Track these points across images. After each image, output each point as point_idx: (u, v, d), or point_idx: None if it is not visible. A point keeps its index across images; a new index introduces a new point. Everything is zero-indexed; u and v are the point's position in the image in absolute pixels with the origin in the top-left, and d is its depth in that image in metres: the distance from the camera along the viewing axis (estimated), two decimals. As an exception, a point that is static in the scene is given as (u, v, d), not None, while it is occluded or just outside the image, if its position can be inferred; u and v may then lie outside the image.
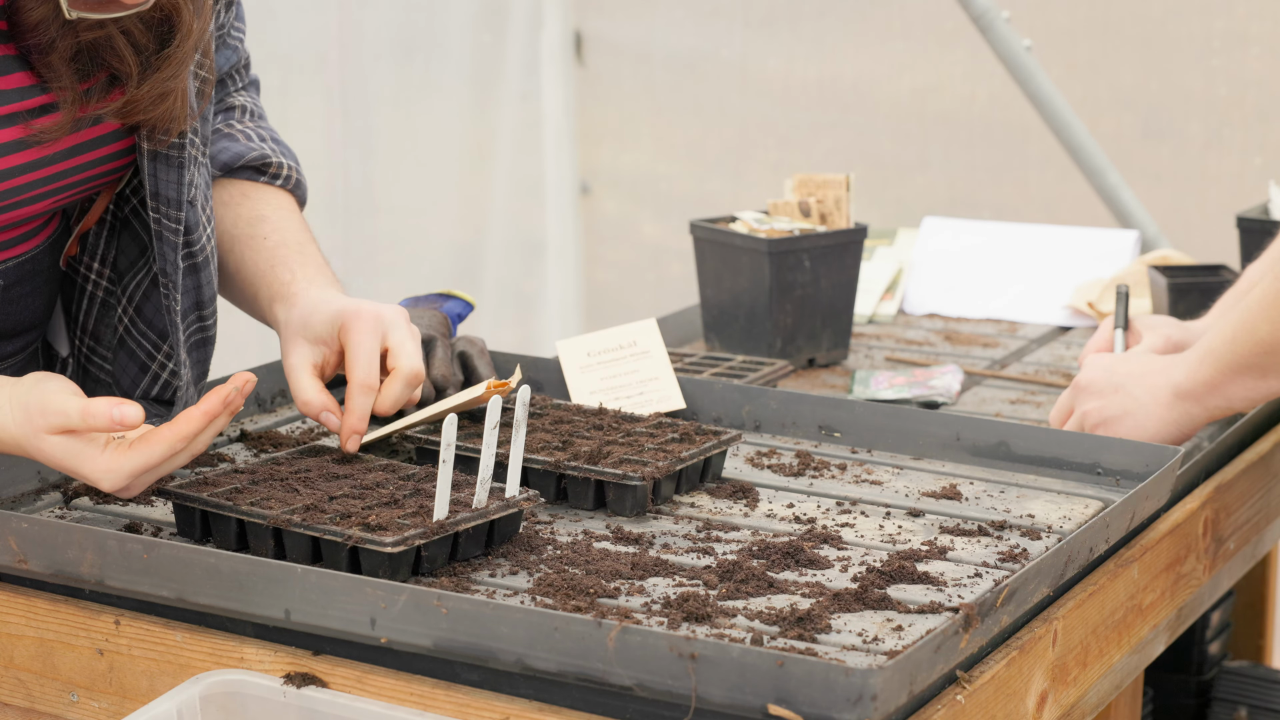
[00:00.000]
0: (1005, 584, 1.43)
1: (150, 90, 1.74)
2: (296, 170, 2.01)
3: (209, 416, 1.57)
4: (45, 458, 1.57)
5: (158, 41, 1.74)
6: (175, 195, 1.81)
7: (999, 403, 2.21)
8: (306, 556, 1.53)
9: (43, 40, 1.70)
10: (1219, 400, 1.85)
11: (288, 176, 1.99)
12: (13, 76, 1.71)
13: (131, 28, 1.71)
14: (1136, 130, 3.98)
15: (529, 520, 1.67)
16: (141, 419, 1.53)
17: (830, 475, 1.82)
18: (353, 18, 4.06)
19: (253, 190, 1.96)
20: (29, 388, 1.58)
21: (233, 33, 1.97)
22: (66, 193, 1.79)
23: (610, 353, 2.01)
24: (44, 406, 1.56)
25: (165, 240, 1.82)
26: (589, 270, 4.72)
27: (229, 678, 1.43)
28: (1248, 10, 3.83)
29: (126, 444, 1.56)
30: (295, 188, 2.00)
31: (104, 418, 1.53)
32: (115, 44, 1.71)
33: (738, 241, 2.38)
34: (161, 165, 1.80)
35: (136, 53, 1.73)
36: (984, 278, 2.72)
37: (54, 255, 1.89)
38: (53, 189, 1.77)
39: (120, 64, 1.73)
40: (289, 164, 2.00)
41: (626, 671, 1.31)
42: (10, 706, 1.59)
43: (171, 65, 1.74)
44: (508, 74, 4.45)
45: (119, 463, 1.56)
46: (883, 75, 4.23)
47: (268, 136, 2.01)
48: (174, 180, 1.81)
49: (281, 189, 1.99)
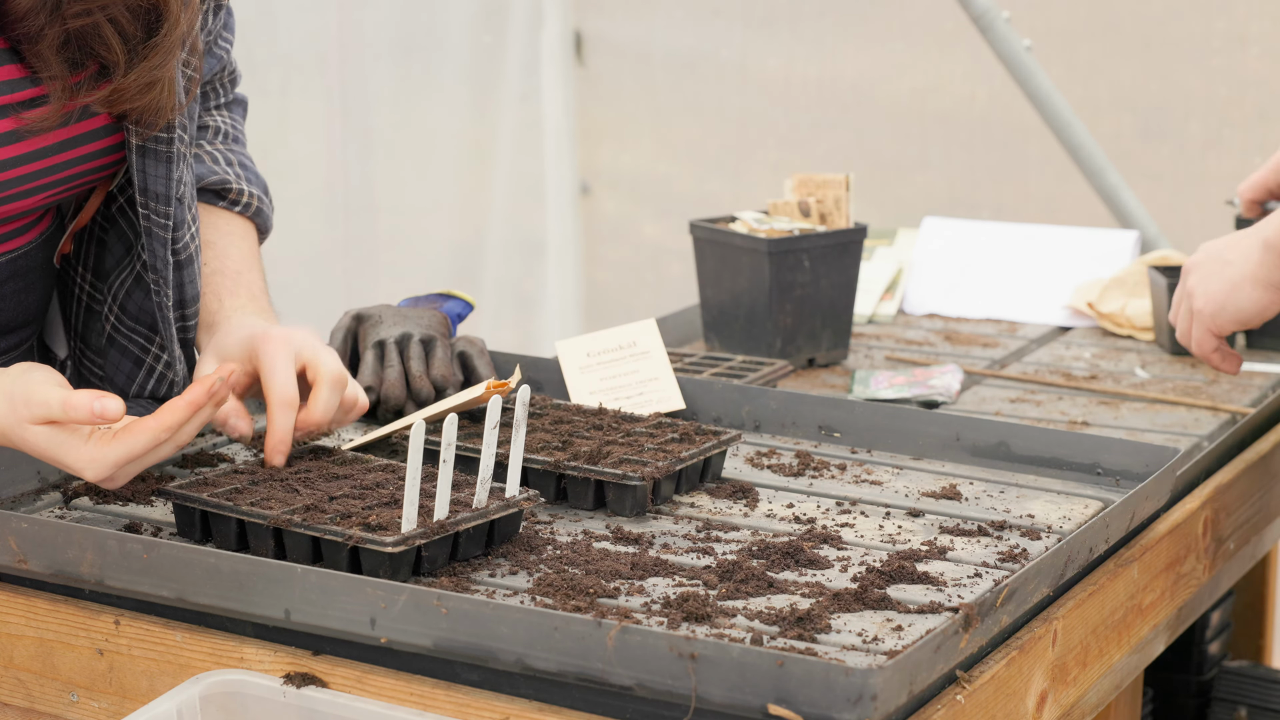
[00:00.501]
0: (1005, 584, 1.43)
1: (137, 79, 1.74)
2: (259, 198, 1.99)
3: (193, 407, 1.57)
4: (30, 447, 1.58)
5: (145, 30, 1.75)
6: (164, 190, 1.82)
7: (999, 403, 2.21)
8: (307, 556, 1.53)
9: (31, 29, 1.70)
10: None
11: (247, 204, 1.98)
12: (3, 69, 1.72)
13: (119, 16, 1.72)
14: (1136, 130, 3.98)
15: (529, 520, 1.67)
16: (122, 412, 1.53)
17: (830, 475, 1.82)
18: (353, 18, 4.06)
19: (207, 215, 1.96)
20: (15, 378, 1.59)
21: (220, 41, 1.97)
22: (58, 188, 1.80)
23: (610, 353, 2.01)
24: (28, 397, 1.56)
25: (154, 236, 1.82)
26: (589, 270, 4.72)
27: (229, 678, 1.43)
28: (1248, 10, 3.83)
29: (111, 434, 1.56)
30: (255, 215, 1.99)
31: (84, 410, 1.53)
32: (103, 32, 1.72)
33: (738, 241, 2.38)
34: (150, 160, 1.81)
35: (124, 41, 1.74)
36: (984, 278, 2.72)
37: (47, 252, 1.89)
38: (43, 184, 1.77)
39: (108, 52, 1.73)
40: (251, 191, 1.98)
41: (626, 671, 1.31)
42: (10, 706, 1.59)
43: (159, 54, 1.74)
44: (508, 74, 4.45)
45: (103, 453, 1.56)
46: (883, 75, 4.23)
47: (235, 161, 2.00)
48: (163, 175, 1.82)
49: (239, 215, 1.97)
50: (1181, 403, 2.20)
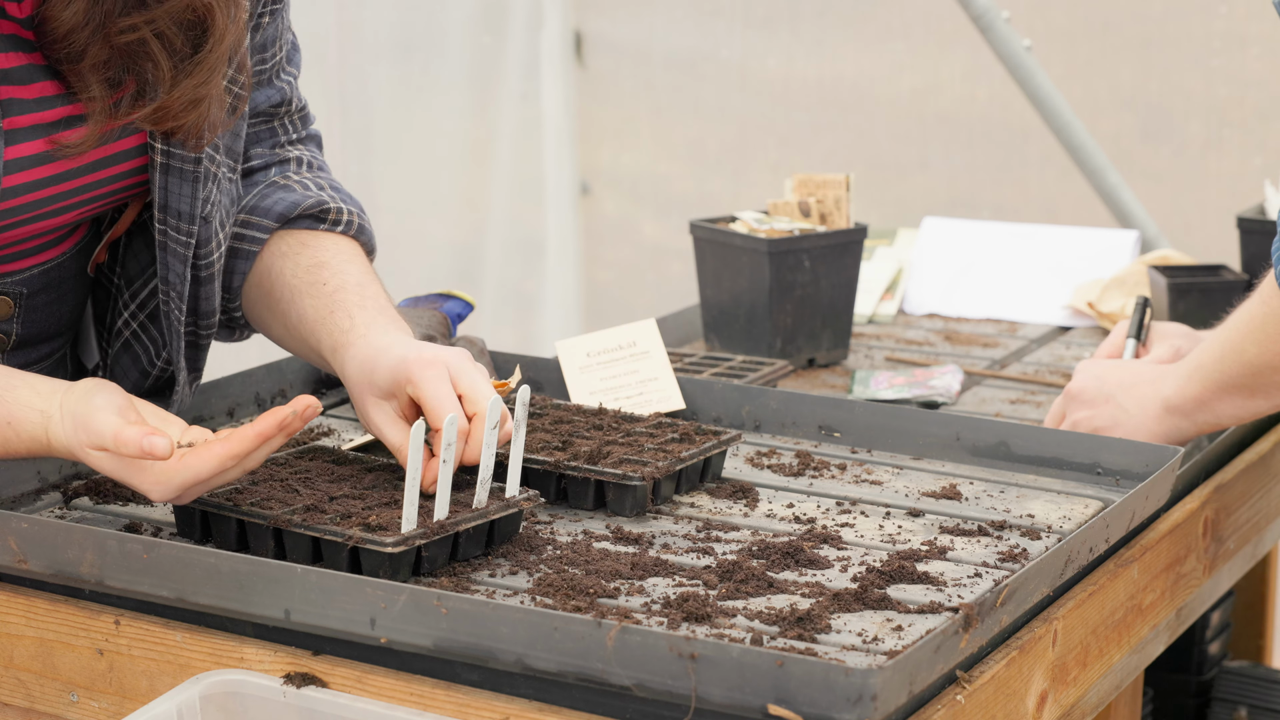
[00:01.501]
0: (1005, 584, 1.43)
1: (182, 95, 1.70)
2: (360, 216, 1.93)
3: (262, 439, 1.54)
4: (95, 466, 1.58)
5: (191, 45, 1.70)
6: (188, 209, 1.79)
7: (999, 403, 2.21)
8: (307, 557, 1.53)
9: (73, 49, 1.66)
10: (1208, 416, 1.86)
11: (349, 222, 1.91)
12: (37, 85, 1.69)
13: (165, 30, 1.67)
14: (1136, 130, 3.98)
15: (529, 520, 1.67)
16: (171, 450, 1.51)
17: (830, 475, 1.82)
18: (352, 17, 4.06)
19: (312, 239, 1.89)
20: (79, 398, 1.58)
21: (282, 74, 1.93)
22: (89, 206, 1.78)
23: (610, 353, 2.01)
24: (86, 424, 1.56)
25: (171, 251, 1.80)
26: (589, 270, 4.72)
27: (229, 678, 1.43)
28: (1248, 10, 3.83)
29: (179, 455, 1.55)
30: (359, 233, 1.92)
31: (134, 446, 1.52)
32: (149, 47, 1.67)
33: (738, 241, 2.38)
34: (175, 179, 1.78)
35: (170, 55, 1.69)
36: (984, 278, 2.72)
37: (80, 262, 1.87)
38: (75, 202, 1.76)
39: (154, 69, 1.69)
40: (350, 209, 1.92)
41: (626, 671, 1.31)
42: (10, 706, 1.59)
43: (204, 70, 1.70)
44: (507, 74, 4.45)
45: (168, 477, 1.55)
46: (882, 75, 4.23)
47: (326, 185, 1.94)
48: (187, 194, 1.78)
49: (343, 235, 1.91)
50: (1181, 403, 2.19)
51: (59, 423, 1.58)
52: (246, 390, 2.00)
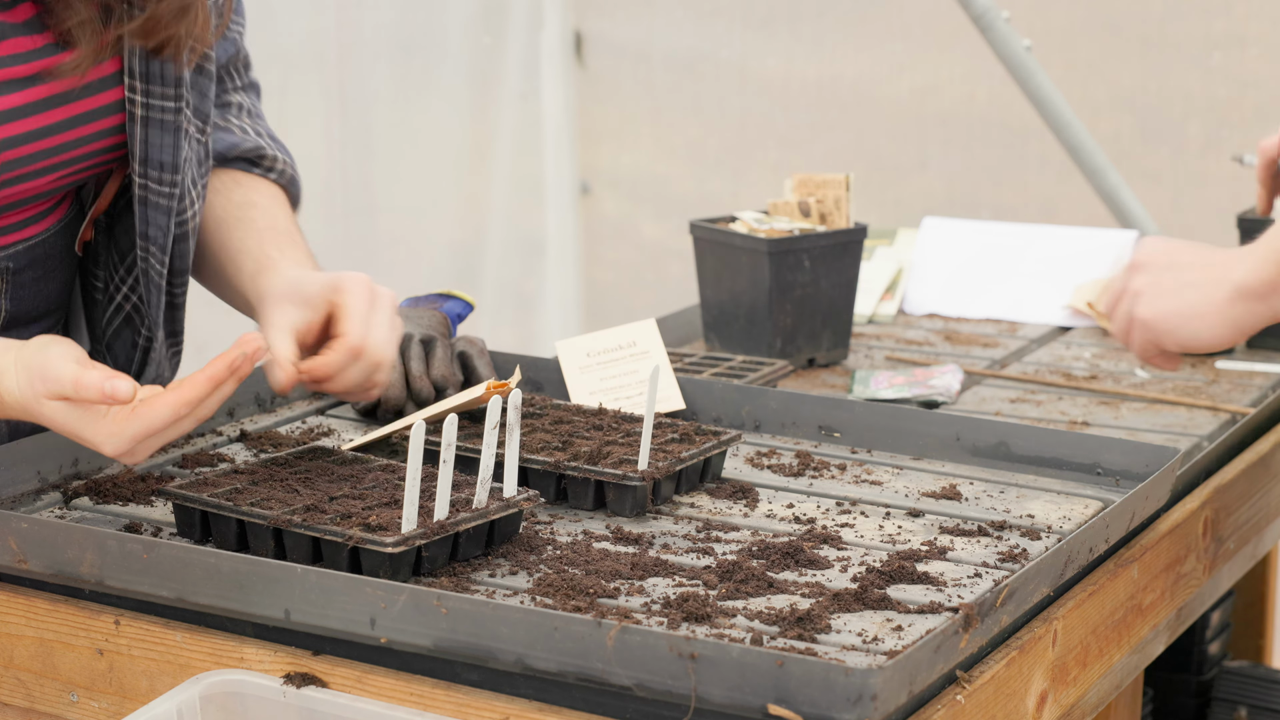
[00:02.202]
0: (1005, 584, 1.43)
1: (169, 4, 1.73)
2: (291, 167, 2.00)
3: (214, 382, 1.55)
4: (47, 421, 1.57)
5: None
6: (170, 159, 1.80)
7: (999, 403, 2.21)
8: (307, 557, 1.53)
9: None
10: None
11: (282, 171, 1.98)
12: (11, 41, 1.70)
13: None
14: (1136, 130, 3.98)
15: (529, 520, 1.67)
16: (134, 393, 1.52)
17: (830, 475, 1.82)
18: (352, 18, 4.06)
19: (246, 179, 1.96)
20: (34, 351, 1.58)
21: (232, 25, 1.97)
22: (66, 169, 1.78)
23: (610, 353, 2.01)
24: (44, 372, 1.55)
25: (152, 205, 1.81)
26: (589, 270, 4.72)
27: (229, 678, 1.43)
28: (1247, 10, 3.83)
29: (129, 408, 1.55)
30: (289, 184, 1.99)
31: (95, 390, 1.52)
32: None
33: (737, 241, 2.38)
34: (155, 130, 1.80)
35: None
36: (984, 278, 2.72)
37: (66, 239, 1.87)
38: (50, 164, 1.76)
39: None
40: (284, 159, 1.99)
41: (626, 671, 1.31)
42: (10, 706, 1.59)
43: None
44: (507, 74, 4.45)
45: (120, 428, 1.55)
46: (882, 75, 4.23)
47: (264, 133, 2.00)
48: (169, 144, 1.80)
49: (275, 183, 1.98)
50: (1181, 403, 2.20)
51: (13, 376, 1.57)
52: (246, 390, 2.00)
